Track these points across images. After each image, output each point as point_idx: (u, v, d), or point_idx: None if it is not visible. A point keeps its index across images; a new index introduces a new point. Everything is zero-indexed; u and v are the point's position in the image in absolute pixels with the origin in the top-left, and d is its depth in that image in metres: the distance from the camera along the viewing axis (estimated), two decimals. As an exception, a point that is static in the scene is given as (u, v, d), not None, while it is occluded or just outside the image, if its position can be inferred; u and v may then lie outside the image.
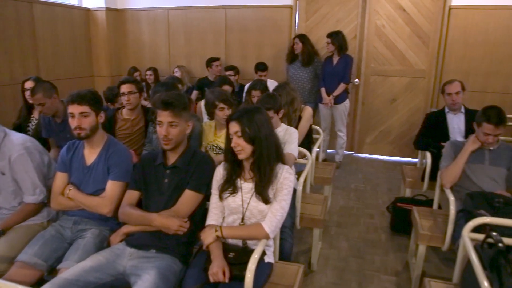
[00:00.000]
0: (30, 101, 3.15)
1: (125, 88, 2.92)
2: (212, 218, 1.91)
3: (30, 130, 3.31)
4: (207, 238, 1.81)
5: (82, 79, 5.62)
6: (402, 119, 5.28)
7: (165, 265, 1.79)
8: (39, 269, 1.88)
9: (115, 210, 2.04)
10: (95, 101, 2.09)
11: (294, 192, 2.42)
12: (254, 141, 1.78)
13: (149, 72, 5.42)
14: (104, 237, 2.08)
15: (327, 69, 4.70)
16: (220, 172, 1.94)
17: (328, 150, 5.23)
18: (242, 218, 1.86)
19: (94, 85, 5.82)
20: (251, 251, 1.72)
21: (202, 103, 3.61)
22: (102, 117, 2.13)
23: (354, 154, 5.54)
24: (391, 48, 5.09)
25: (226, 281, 1.68)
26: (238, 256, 1.78)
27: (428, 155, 3.19)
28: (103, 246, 2.03)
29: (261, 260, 1.77)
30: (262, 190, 1.81)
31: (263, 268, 1.82)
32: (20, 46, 4.56)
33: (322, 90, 4.74)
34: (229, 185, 1.88)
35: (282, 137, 2.64)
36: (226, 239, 1.86)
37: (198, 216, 2.00)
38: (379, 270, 2.82)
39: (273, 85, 4.02)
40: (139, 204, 2.04)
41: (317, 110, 4.94)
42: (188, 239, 1.95)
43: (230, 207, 1.89)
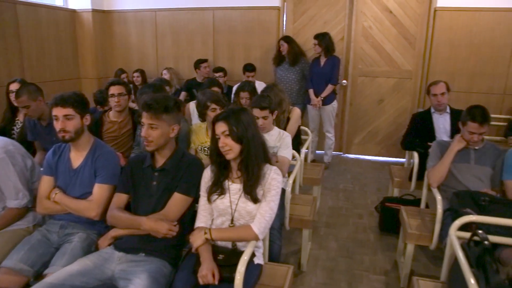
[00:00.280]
0: (14, 103, 3.09)
1: (115, 89, 2.88)
2: (201, 221, 1.90)
3: (14, 133, 3.25)
4: (196, 240, 1.80)
5: (68, 81, 5.55)
6: (389, 120, 5.33)
7: (155, 268, 1.78)
8: (25, 275, 1.85)
9: (103, 214, 2.02)
10: (80, 103, 2.06)
11: (283, 192, 2.42)
12: (242, 140, 1.78)
13: (136, 74, 5.38)
14: (91, 241, 2.06)
15: (315, 70, 4.72)
16: (208, 174, 1.93)
17: (316, 151, 5.25)
18: (232, 220, 1.86)
19: (81, 87, 5.76)
20: (241, 253, 1.72)
21: (191, 105, 3.60)
22: (87, 119, 2.11)
23: (342, 155, 5.57)
24: (378, 49, 5.14)
25: (216, 283, 1.67)
26: (227, 258, 1.78)
27: (415, 155, 3.22)
28: (91, 250, 2.01)
29: (250, 261, 1.76)
30: (250, 190, 1.81)
31: (253, 269, 1.82)
32: (4, 48, 4.48)
33: (310, 92, 4.76)
34: (217, 187, 1.88)
35: (276, 141, 2.64)
36: (215, 241, 1.86)
37: (187, 218, 1.99)
38: (368, 270, 2.83)
39: (261, 86, 4.02)
40: (128, 207, 2.01)
41: (305, 111, 4.96)
42: (177, 242, 1.94)
43: (218, 209, 1.88)
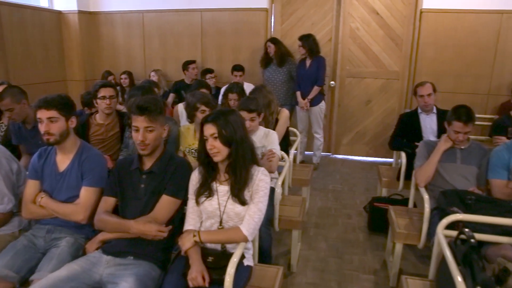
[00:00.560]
0: (-2, 106, 3.04)
1: (106, 91, 2.83)
2: (189, 223, 1.89)
3: (-1, 136, 3.20)
4: (185, 243, 1.79)
5: (54, 84, 5.48)
6: (377, 120, 5.38)
7: (143, 271, 1.76)
8: (11, 281, 1.82)
9: (90, 217, 1.99)
10: (64, 105, 2.03)
11: (272, 191, 2.43)
12: (230, 143, 1.78)
13: (124, 76, 5.34)
14: (79, 245, 2.03)
15: (301, 72, 4.75)
16: (195, 176, 1.92)
17: (305, 152, 5.27)
18: (220, 222, 1.85)
19: (67, 89, 5.68)
20: (230, 255, 1.72)
21: (179, 107, 3.59)
22: (73, 122, 2.08)
23: (331, 156, 5.61)
24: (366, 50, 5.18)
25: (206, 285, 1.67)
26: (217, 260, 1.77)
27: (403, 155, 3.26)
28: (79, 254, 1.97)
29: (240, 263, 1.76)
30: (238, 192, 1.81)
31: (242, 271, 1.82)
32: (-13, 50, 4.42)
33: (298, 94, 4.78)
34: (204, 188, 1.87)
35: (262, 140, 2.65)
36: (204, 244, 1.85)
37: (176, 221, 1.97)
38: (358, 270, 2.85)
39: (249, 88, 4.02)
40: (115, 210, 1.99)
41: (293, 112, 4.98)
42: (166, 245, 1.93)
43: (207, 211, 1.87)
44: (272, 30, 5.36)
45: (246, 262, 1.88)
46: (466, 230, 1.78)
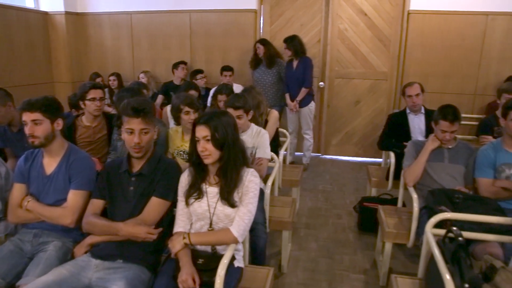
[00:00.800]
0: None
1: (97, 93, 2.79)
2: (179, 225, 1.88)
3: (-16, 140, 3.13)
4: (175, 246, 1.78)
5: (41, 86, 5.40)
6: (366, 121, 5.42)
7: (133, 275, 1.75)
8: (-4, 287, 1.79)
9: (78, 221, 1.97)
10: (49, 107, 1.99)
11: (262, 193, 2.42)
12: (222, 146, 1.77)
13: (112, 77, 5.29)
14: (67, 249, 2.00)
15: (289, 73, 4.76)
16: (185, 178, 1.91)
17: (295, 153, 5.29)
18: (210, 224, 1.85)
19: (55, 91, 5.61)
20: (220, 257, 1.72)
21: (169, 108, 3.56)
22: (59, 124, 2.04)
23: (321, 156, 5.63)
24: (354, 51, 5.22)
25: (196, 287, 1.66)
26: (207, 262, 1.76)
27: (391, 155, 3.29)
28: (67, 258, 1.95)
29: (230, 265, 1.75)
30: (228, 195, 1.80)
31: (233, 273, 1.81)
32: (-29, 52, 4.34)
33: (286, 96, 4.79)
34: (194, 189, 1.86)
35: (254, 139, 2.64)
36: (194, 246, 1.84)
37: (166, 223, 1.96)
38: (348, 269, 2.86)
39: (239, 89, 4.02)
40: (104, 213, 1.97)
41: (283, 113, 4.98)
42: (155, 248, 1.91)
43: (196, 213, 1.86)
44: (261, 31, 5.37)
45: (237, 264, 1.88)
46: (454, 228, 1.80)
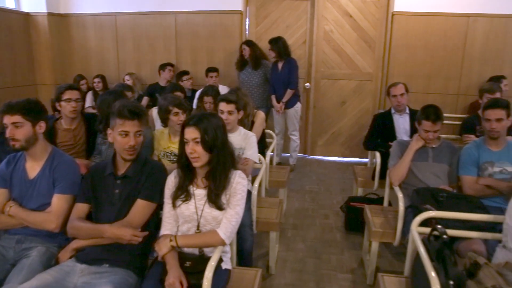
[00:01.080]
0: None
1: (73, 94, 2.73)
2: (166, 228, 1.86)
3: (-35, 144, 3.06)
4: (162, 248, 1.77)
5: (23, 88, 5.29)
6: (351, 121, 5.47)
7: (119, 279, 1.72)
8: (-23, 295, 1.74)
9: (63, 225, 1.93)
10: (30, 110, 1.95)
11: (250, 194, 2.42)
12: (212, 149, 1.76)
13: (97, 79, 5.22)
14: (51, 254, 1.96)
15: (274, 75, 4.76)
16: (171, 180, 1.90)
17: (282, 154, 5.30)
18: (198, 226, 1.83)
19: (37, 94, 5.50)
20: (208, 259, 1.71)
21: (154, 110, 3.53)
22: (42, 127, 2.01)
23: (307, 157, 5.65)
24: (340, 52, 5.26)
25: (184, 291, 1.64)
26: (194, 264, 1.75)
27: (377, 155, 3.32)
28: (51, 264, 1.91)
29: (218, 267, 1.75)
30: (216, 198, 1.80)
31: (221, 275, 1.81)
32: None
33: (272, 98, 4.80)
34: (181, 191, 1.85)
35: (241, 142, 2.64)
36: (181, 248, 1.82)
37: (152, 226, 1.94)
38: (336, 269, 2.88)
39: (224, 90, 4.01)
40: (89, 218, 1.94)
41: (269, 115, 4.99)
42: (142, 251, 1.89)
43: (183, 215, 1.85)
44: (247, 32, 5.37)
45: (224, 266, 1.87)
46: (439, 226, 1.83)
